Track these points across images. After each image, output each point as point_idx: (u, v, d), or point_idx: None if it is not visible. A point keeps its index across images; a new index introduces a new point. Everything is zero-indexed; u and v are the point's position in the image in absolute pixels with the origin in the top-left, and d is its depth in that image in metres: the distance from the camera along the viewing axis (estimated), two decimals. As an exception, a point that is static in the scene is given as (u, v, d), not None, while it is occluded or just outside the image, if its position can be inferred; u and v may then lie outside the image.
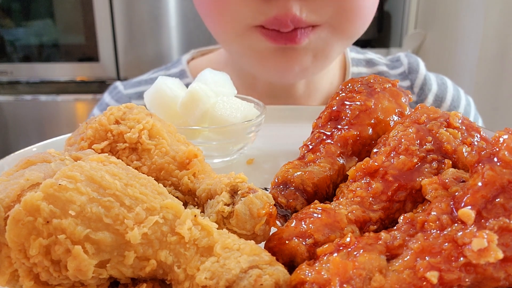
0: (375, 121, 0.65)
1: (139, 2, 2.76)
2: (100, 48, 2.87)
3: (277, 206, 0.59)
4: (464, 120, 0.59)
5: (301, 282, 0.42)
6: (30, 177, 0.45)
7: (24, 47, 2.99)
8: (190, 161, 0.59)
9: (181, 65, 1.40)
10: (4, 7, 2.92)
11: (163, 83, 0.87)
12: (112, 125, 0.60)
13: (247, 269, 0.42)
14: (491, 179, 0.42)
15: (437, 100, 1.31)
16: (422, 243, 0.42)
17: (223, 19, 1.06)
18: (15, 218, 0.41)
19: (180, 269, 0.44)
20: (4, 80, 3.03)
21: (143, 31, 2.82)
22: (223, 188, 0.53)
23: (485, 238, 0.39)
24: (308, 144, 0.67)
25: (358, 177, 0.56)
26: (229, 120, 0.85)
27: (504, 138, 0.44)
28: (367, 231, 0.51)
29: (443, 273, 0.40)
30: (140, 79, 1.45)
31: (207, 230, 0.46)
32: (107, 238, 0.43)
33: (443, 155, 0.55)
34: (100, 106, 1.45)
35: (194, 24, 2.81)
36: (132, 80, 1.47)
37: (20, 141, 3.11)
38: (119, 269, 0.44)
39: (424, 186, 0.51)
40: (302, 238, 0.48)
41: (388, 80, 0.71)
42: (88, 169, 0.46)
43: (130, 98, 1.39)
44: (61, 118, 3.05)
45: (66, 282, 0.44)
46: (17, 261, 0.43)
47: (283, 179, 0.61)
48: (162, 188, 0.51)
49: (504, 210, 0.41)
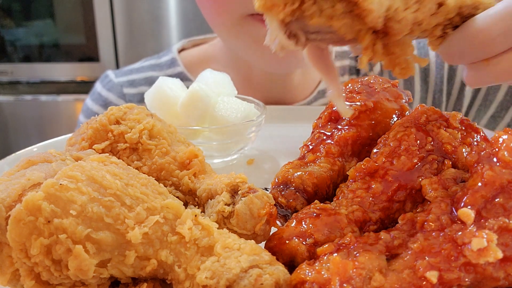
0: (375, 121, 0.66)
1: (139, 2, 2.76)
2: (101, 48, 2.87)
3: (277, 206, 0.59)
4: (463, 120, 0.59)
5: (301, 281, 0.42)
6: (31, 177, 0.45)
7: (25, 47, 2.99)
8: (191, 161, 0.59)
9: (171, 53, 1.40)
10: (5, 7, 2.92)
11: (163, 83, 0.87)
12: (113, 125, 0.60)
13: (247, 269, 0.42)
14: (490, 179, 0.42)
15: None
16: (422, 243, 0.43)
17: (219, 8, 1.07)
18: (16, 218, 0.41)
19: (181, 268, 0.44)
20: (4, 80, 3.03)
21: (143, 31, 2.82)
22: (223, 188, 0.53)
23: (485, 238, 0.39)
24: (308, 144, 0.67)
25: (358, 177, 0.56)
26: (230, 120, 0.85)
27: (504, 138, 0.44)
28: (367, 231, 0.51)
29: (442, 272, 0.40)
30: (132, 67, 1.45)
31: (207, 230, 0.46)
32: (108, 237, 0.43)
33: (443, 155, 0.55)
34: (92, 95, 1.45)
35: (194, 24, 2.81)
36: (124, 69, 1.46)
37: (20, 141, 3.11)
38: (120, 268, 0.45)
39: (424, 186, 0.51)
40: (302, 238, 0.49)
41: (388, 80, 0.72)
42: (89, 169, 0.46)
43: (122, 86, 1.39)
44: (61, 118, 3.06)
45: (67, 282, 0.44)
46: (18, 261, 0.43)
47: (283, 179, 0.61)
48: (163, 188, 0.51)
49: (503, 210, 0.41)
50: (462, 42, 0.52)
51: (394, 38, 0.49)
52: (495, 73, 0.51)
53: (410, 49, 0.51)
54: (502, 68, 0.50)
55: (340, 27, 0.47)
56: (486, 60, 0.51)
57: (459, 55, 0.53)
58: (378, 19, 0.46)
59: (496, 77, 0.51)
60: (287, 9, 0.46)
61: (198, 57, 1.40)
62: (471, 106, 1.31)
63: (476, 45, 0.50)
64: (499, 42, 0.49)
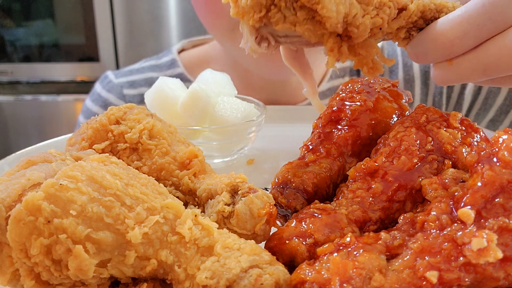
0: (375, 121, 0.66)
1: (139, 2, 2.76)
2: (101, 48, 2.87)
3: (277, 206, 0.59)
4: (463, 120, 0.59)
5: (301, 281, 0.42)
6: (31, 177, 0.45)
7: (25, 47, 2.99)
8: (191, 161, 0.59)
9: (171, 54, 1.40)
10: (5, 7, 2.92)
11: (163, 84, 0.87)
12: (113, 125, 0.60)
13: (247, 269, 0.42)
14: (490, 179, 0.42)
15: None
16: (422, 243, 0.43)
17: (216, 15, 1.08)
18: (16, 218, 0.41)
19: (181, 268, 0.44)
20: (4, 80, 3.03)
21: (143, 31, 2.82)
22: (223, 188, 0.53)
23: (485, 238, 0.39)
24: (308, 144, 0.67)
25: (358, 177, 0.56)
26: (230, 120, 0.85)
27: (504, 138, 0.44)
28: (367, 231, 0.51)
29: (442, 272, 0.40)
30: (132, 68, 1.45)
31: (207, 230, 0.46)
32: (108, 237, 0.43)
33: (443, 155, 0.55)
34: (92, 96, 1.44)
35: (194, 24, 2.81)
36: (123, 69, 1.46)
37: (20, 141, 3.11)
38: (120, 268, 0.45)
39: (424, 186, 0.51)
40: (302, 238, 0.49)
41: (388, 80, 0.72)
42: (89, 169, 0.46)
43: (122, 87, 1.39)
44: (61, 118, 3.06)
45: (67, 282, 0.44)
46: (18, 261, 0.43)
47: (283, 179, 0.61)
48: (163, 188, 0.51)
49: (503, 210, 0.41)
50: (425, 44, 0.55)
51: (356, 41, 0.54)
52: (457, 73, 0.54)
53: (375, 50, 0.56)
54: (464, 68, 0.53)
55: (304, 31, 0.52)
56: (449, 61, 0.54)
57: (423, 56, 0.56)
58: (337, 24, 0.51)
59: (459, 76, 0.54)
60: (255, 16, 0.51)
61: (198, 58, 1.40)
62: (471, 110, 1.31)
63: (438, 47, 0.53)
64: (458, 44, 0.51)
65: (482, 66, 0.51)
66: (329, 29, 0.51)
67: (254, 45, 0.56)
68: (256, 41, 0.55)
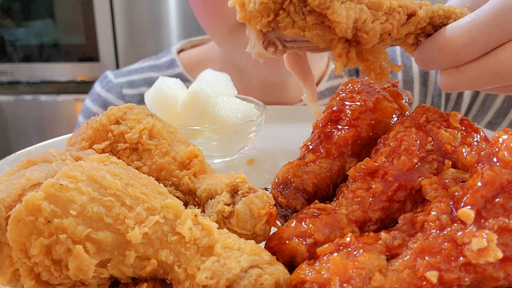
0: (375, 121, 0.66)
1: (139, 2, 2.76)
2: (100, 48, 2.87)
3: (277, 206, 0.59)
4: (463, 120, 0.59)
5: (301, 281, 0.42)
6: (31, 177, 0.45)
7: (25, 47, 2.99)
8: (191, 161, 0.59)
9: (170, 54, 1.40)
10: (5, 7, 2.92)
11: (163, 84, 0.87)
12: (113, 125, 0.60)
13: (247, 269, 0.42)
14: (490, 179, 0.42)
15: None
16: (422, 243, 0.43)
17: (214, 17, 1.08)
18: (16, 218, 0.41)
19: (181, 268, 0.44)
20: (4, 80, 3.03)
21: (143, 31, 2.82)
22: (223, 188, 0.53)
23: (485, 238, 0.39)
24: (308, 144, 0.67)
25: (358, 177, 0.56)
26: (230, 120, 0.85)
27: (504, 138, 0.44)
28: (367, 231, 0.51)
29: (442, 272, 0.40)
30: (131, 68, 1.45)
31: (207, 230, 0.46)
32: (108, 237, 0.43)
33: (443, 155, 0.55)
34: (92, 96, 1.44)
35: (194, 24, 2.81)
36: (123, 69, 1.46)
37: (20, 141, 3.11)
38: (120, 268, 0.45)
39: (424, 186, 0.51)
40: (302, 238, 0.49)
41: (388, 80, 0.72)
42: (89, 169, 0.46)
43: (121, 87, 1.39)
44: (61, 118, 3.05)
45: (67, 282, 0.44)
46: (18, 261, 0.43)
47: (283, 179, 0.61)
48: (163, 188, 0.51)
49: (503, 210, 0.41)
50: (433, 50, 0.54)
51: (365, 46, 0.53)
52: (464, 80, 0.53)
53: (383, 56, 0.55)
54: (471, 75, 0.52)
55: (313, 37, 0.52)
56: (456, 68, 0.53)
57: (430, 62, 0.56)
58: (347, 30, 0.50)
59: (466, 84, 0.54)
60: (263, 20, 0.50)
61: (197, 58, 1.40)
62: (469, 111, 1.31)
63: (446, 54, 0.53)
64: (466, 51, 0.51)
65: (490, 73, 0.51)
66: (338, 34, 0.51)
67: (261, 49, 0.55)
68: (263, 45, 0.55)
